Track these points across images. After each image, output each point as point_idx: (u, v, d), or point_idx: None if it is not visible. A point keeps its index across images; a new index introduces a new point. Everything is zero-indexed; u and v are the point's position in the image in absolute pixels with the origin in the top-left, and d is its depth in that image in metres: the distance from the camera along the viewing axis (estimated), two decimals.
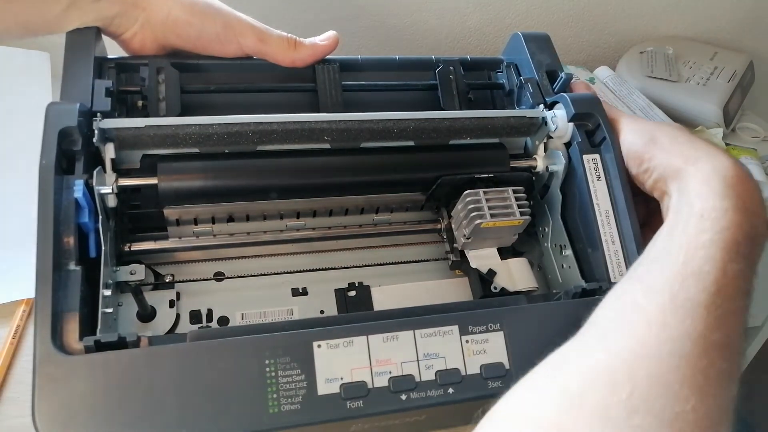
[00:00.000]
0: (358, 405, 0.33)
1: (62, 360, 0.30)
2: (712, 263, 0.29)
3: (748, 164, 0.72)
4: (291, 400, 0.32)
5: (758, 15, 0.90)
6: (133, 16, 0.41)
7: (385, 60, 0.50)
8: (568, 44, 0.87)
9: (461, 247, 0.43)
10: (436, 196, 0.44)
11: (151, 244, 0.41)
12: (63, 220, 0.34)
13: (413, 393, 0.34)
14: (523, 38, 0.49)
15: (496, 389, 0.35)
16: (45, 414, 0.30)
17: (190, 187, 0.40)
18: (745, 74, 0.80)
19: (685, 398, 0.25)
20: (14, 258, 0.47)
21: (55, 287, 0.32)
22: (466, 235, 0.42)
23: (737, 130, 0.78)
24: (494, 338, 0.36)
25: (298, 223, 0.44)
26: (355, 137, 0.42)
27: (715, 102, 0.73)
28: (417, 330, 0.35)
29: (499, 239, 0.43)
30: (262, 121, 0.40)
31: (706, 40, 0.90)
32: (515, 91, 0.48)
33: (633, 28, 0.86)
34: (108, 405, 0.30)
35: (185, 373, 0.31)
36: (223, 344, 0.32)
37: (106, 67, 0.42)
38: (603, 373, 0.26)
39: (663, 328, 0.27)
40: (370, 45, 0.78)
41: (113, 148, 0.38)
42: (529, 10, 0.80)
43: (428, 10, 0.77)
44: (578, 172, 0.42)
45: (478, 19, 0.80)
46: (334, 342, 0.34)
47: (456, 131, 0.43)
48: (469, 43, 0.82)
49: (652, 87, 0.76)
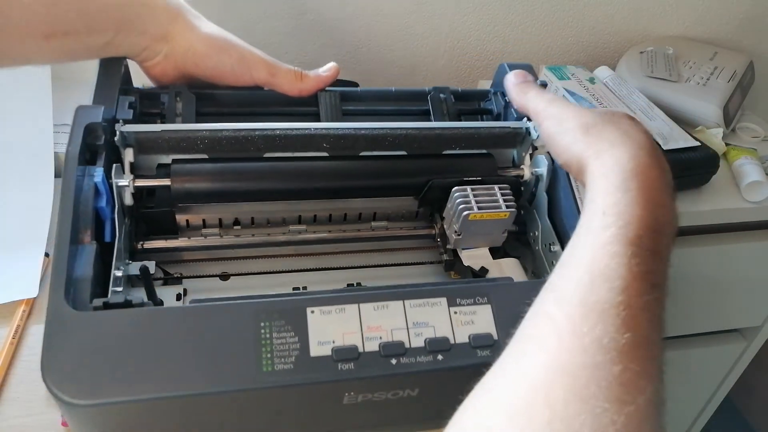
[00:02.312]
0: (349, 367, 0.34)
1: (73, 315, 0.33)
2: (617, 260, 0.28)
3: (748, 164, 0.72)
4: (284, 360, 0.34)
5: (758, 15, 0.90)
6: (158, 48, 0.47)
7: (382, 91, 0.54)
8: (568, 44, 0.87)
9: (453, 244, 0.45)
10: (428, 199, 0.47)
11: (162, 243, 0.44)
12: (82, 201, 0.37)
13: (403, 358, 0.35)
14: (508, 68, 0.54)
15: (485, 358, 0.36)
16: (51, 364, 0.31)
17: (200, 188, 0.43)
18: (745, 74, 0.80)
19: (603, 410, 0.24)
20: (14, 258, 0.48)
21: (71, 255, 0.35)
22: (456, 230, 0.44)
23: (737, 130, 0.78)
24: (482, 311, 0.37)
25: (300, 228, 0.47)
26: (352, 145, 0.45)
27: (715, 102, 0.73)
28: (406, 300, 0.37)
29: (489, 236, 0.46)
30: (268, 128, 0.44)
31: (706, 40, 0.90)
32: (502, 113, 0.52)
33: (633, 28, 0.87)
34: (111, 357, 0.32)
35: (185, 332, 0.33)
36: (221, 307, 0.35)
37: (131, 92, 0.47)
38: (520, 405, 0.26)
39: (573, 337, 0.27)
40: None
41: (132, 152, 0.43)
42: (529, 9, 0.82)
43: (427, 11, 0.79)
44: (561, 173, 0.45)
45: (478, 17, 0.81)
46: (326, 308, 0.36)
47: (445, 140, 0.47)
48: (469, 43, 0.84)
49: (652, 87, 0.76)
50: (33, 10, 0.40)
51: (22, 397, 0.43)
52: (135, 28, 0.44)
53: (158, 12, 0.45)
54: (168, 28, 0.45)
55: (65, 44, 0.42)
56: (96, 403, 0.31)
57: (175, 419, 0.34)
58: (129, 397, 0.31)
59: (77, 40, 0.43)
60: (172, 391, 0.32)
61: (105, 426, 0.33)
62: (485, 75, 0.89)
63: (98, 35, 0.43)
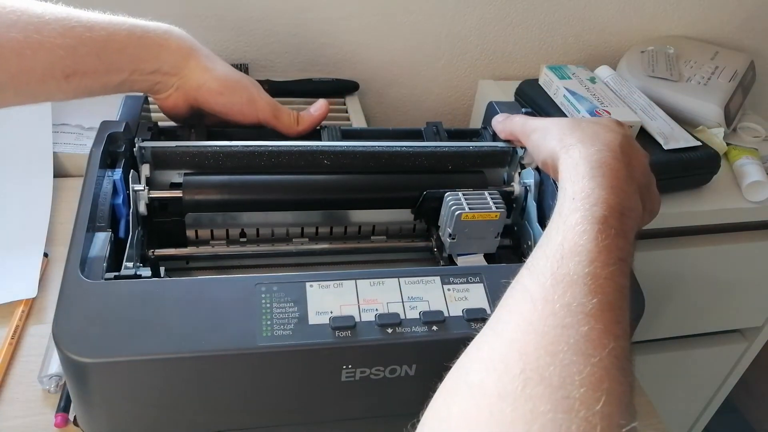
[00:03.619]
0: (346, 335, 0.35)
1: (86, 284, 0.35)
2: (586, 236, 0.32)
3: (749, 164, 0.72)
4: (283, 327, 0.35)
5: (759, 14, 0.90)
6: (170, 82, 0.50)
7: (379, 129, 0.59)
8: (569, 44, 0.88)
9: (449, 249, 0.47)
10: (423, 210, 0.49)
11: (172, 251, 0.46)
12: (101, 197, 0.41)
13: (399, 328, 0.36)
14: (496, 105, 0.59)
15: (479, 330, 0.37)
16: (63, 327, 0.33)
17: (209, 199, 0.47)
18: (746, 74, 0.80)
19: (571, 362, 0.27)
20: (14, 259, 0.49)
21: (88, 238, 0.38)
22: (450, 233, 0.46)
23: (738, 129, 0.77)
24: (475, 288, 0.39)
25: (303, 240, 0.49)
26: (351, 160, 0.49)
27: (716, 101, 0.73)
28: (401, 278, 0.38)
29: (483, 241, 0.48)
30: (273, 145, 0.48)
31: (707, 39, 0.89)
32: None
33: (633, 27, 0.87)
34: (119, 321, 0.34)
35: (190, 300, 0.35)
36: (225, 279, 0.36)
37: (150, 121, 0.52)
38: (497, 358, 0.29)
39: (545, 304, 0.30)
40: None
41: (148, 167, 0.46)
42: (529, 9, 0.84)
43: (427, 11, 0.82)
44: (548, 180, 0.48)
45: (478, 17, 0.83)
46: (325, 283, 0.37)
47: (439, 158, 0.51)
48: (469, 43, 0.86)
49: (653, 86, 0.76)
50: (56, 54, 0.43)
51: (21, 398, 0.43)
52: (149, 67, 0.48)
53: (172, 51, 0.49)
54: (180, 66, 0.49)
55: (83, 83, 0.45)
56: (101, 362, 0.32)
57: (178, 384, 0.35)
58: (134, 355, 0.33)
59: (95, 80, 0.46)
60: (175, 351, 0.33)
61: (110, 390, 0.34)
62: (485, 75, 0.91)
63: (115, 74, 0.47)
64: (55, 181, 0.59)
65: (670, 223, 0.71)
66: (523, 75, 0.93)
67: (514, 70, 0.93)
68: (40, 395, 0.43)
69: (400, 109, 0.94)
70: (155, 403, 0.35)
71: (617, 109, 0.70)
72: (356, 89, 0.86)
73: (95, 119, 0.62)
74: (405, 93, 0.92)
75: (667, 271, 0.78)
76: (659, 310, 0.84)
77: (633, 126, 0.68)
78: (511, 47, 0.90)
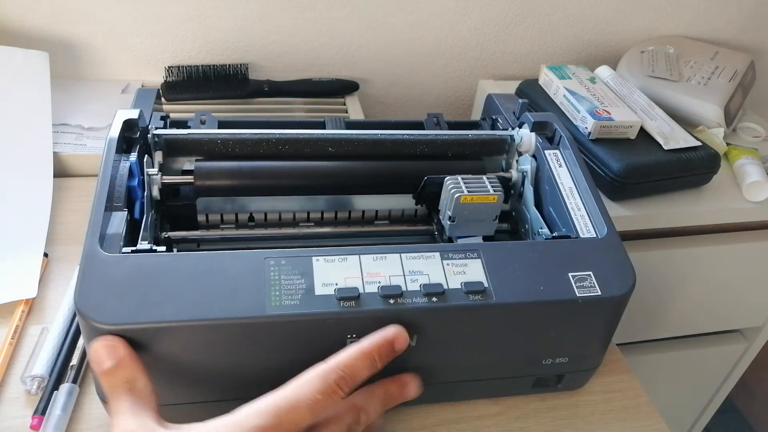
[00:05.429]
0: (351, 305, 0.37)
1: (105, 257, 0.37)
2: None
3: (749, 164, 0.72)
4: (291, 297, 0.37)
5: (759, 14, 0.91)
6: None
7: (383, 121, 0.61)
8: (569, 44, 0.89)
9: (448, 232, 0.49)
10: (424, 195, 0.51)
11: (184, 233, 0.49)
12: (117, 179, 0.43)
13: (400, 299, 0.38)
14: (495, 98, 0.61)
15: (477, 302, 0.39)
16: (85, 295, 0.35)
17: (219, 185, 0.49)
18: (746, 74, 0.80)
19: None
20: (14, 259, 0.49)
21: (106, 217, 0.40)
22: (450, 215, 0.48)
23: (738, 129, 0.78)
24: (473, 263, 0.41)
25: (308, 224, 0.51)
26: (354, 148, 0.51)
27: (716, 101, 0.74)
28: (403, 254, 0.40)
29: (481, 224, 0.49)
30: (281, 133, 0.50)
31: (707, 39, 0.90)
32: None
33: (633, 27, 0.88)
34: (136, 291, 0.36)
35: (203, 272, 0.37)
36: (235, 253, 0.38)
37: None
38: None
39: None
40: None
41: (161, 154, 0.49)
42: (529, 10, 0.85)
43: (427, 11, 0.82)
44: (543, 166, 0.50)
45: (478, 17, 0.84)
46: (330, 258, 0.39)
47: (438, 145, 0.53)
48: (469, 43, 0.87)
49: (653, 86, 0.76)
50: None
51: (21, 398, 0.43)
52: None
53: None
54: None
55: None
56: (121, 328, 0.34)
57: (191, 351, 0.36)
58: (152, 322, 0.35)
59: None
60: (190, 319, 0.35)
61: None
62: (485, 75, 0.92)
63: None
64: (55, 181, 0.58)
65: (670, 223, 0.71)
66: (523, 75, 0.94)
67: (514, 70, 0.94)
68: (39, 395, 0.43)
69: (400, 109, 0.96)
70: (169, 369, 0.37)
71: (617, 109, 0.70)
72: (356, 89, 0.87)
73: (95, 119, 0.63)
74: (405, 93, 0.93)
75: (667, 271, 0.78)
76: (659, 310, 0.84)
77: (633, 126, 0.68)
78: (511, 47, 0.91)
